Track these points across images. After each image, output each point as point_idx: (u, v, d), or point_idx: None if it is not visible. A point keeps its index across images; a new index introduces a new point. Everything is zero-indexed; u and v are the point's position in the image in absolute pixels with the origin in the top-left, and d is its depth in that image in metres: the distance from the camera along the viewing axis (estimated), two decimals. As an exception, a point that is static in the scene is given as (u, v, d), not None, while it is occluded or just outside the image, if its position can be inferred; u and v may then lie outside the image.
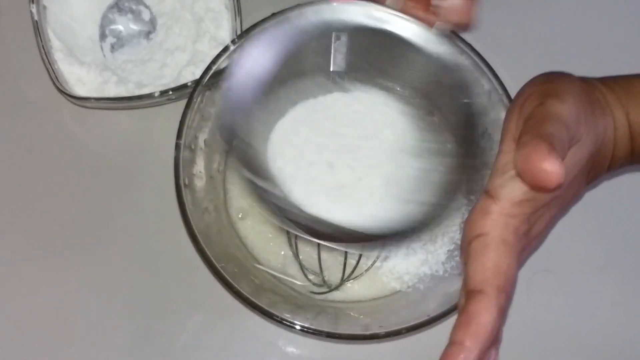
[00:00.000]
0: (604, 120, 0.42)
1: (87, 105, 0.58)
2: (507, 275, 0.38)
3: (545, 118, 0.38)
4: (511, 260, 0.38)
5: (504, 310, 0.38)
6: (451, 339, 0.37)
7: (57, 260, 0.56)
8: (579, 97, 0.40)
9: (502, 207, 0.39)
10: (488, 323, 0.37)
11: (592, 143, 0.41)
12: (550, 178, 0.36)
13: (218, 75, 0.52)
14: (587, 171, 0.42)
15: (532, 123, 0.39)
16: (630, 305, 0.56)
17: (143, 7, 0.60)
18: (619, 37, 0.63)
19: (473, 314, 0.37)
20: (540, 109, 0.39)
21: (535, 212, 0.39)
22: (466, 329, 0.37)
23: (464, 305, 0.38)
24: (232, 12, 0.57)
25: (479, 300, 0.37)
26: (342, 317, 0.52)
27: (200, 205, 0.52)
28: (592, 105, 0.41)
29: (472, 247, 0.39)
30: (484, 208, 0.39)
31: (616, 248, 0.57)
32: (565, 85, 0.41)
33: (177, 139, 0.50)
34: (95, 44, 0.60)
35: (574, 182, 0.41)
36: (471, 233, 0.39)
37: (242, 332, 0.55)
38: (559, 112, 0.39)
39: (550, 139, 0.37)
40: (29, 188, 0.58)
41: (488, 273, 0.38)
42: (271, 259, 0.55)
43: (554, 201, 0.40)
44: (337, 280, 0.54)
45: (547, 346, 0.55)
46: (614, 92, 0.43)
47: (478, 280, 0.38)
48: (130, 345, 0.54)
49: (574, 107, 0.39)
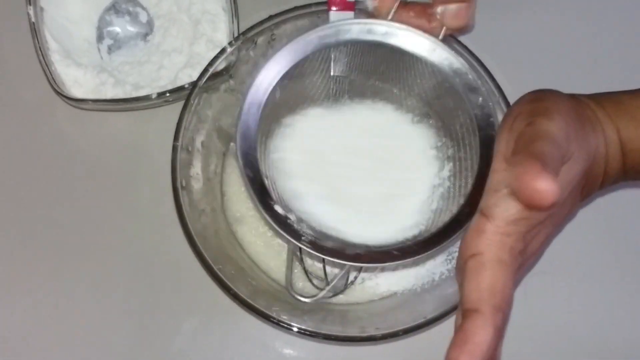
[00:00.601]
0: (595, 137, 0.42)
1: (84, 107, 0.58)
2: (503, 294, 0.38)
3: (535, 137, 0.38)
4: (507, 279, 0.38)
5: (501, 330, 0.38)
6: (446, 358, 0.37)
7: (53, 262, 0.56)
8: (568, 114, 0.40)
9: (496, 226, 0.38)
10: (484, 342, 0.37)
11: (584, 159, 0.41)
12: (544, 197, 0.35)
13: (215, 77, 0.53)
14: (580, 188, 0.42)
15: (523, 142, 0.39)
16: (626, 307, 0.56)
17: (140, 9, 0.60)
18: (615, 41, 0.63)
19: (469, 332, 0.37)
20: (529, 128, 0.39)
21: (531, 230, 0.39)
22: (462, 347, 0.37)
23: (460, 324, 0.38)
24: (229, 15, 0.57)
25: (475, 319, 0.37)
26: (339, 319, 0.52)
27: (197, 207, 0.52)
28: (582, 122, 0.41)
29: (467, 267, 0.39)
30: (478, 227, 0.39)
31: (612, 250, 0.57)
32: (553, 103, 0.41)
33: (174, 140, 0.50)
34: (92, 45, 0.60)
35: (567, 200, 0.41)
36: (467, 252, 0.39)
37: (239, 334, 0.55)
38: (548, 130, 0.39)
39: (543, 157, 0.37)
40: (26, 190, 0.58)
41: (484, 292, 0.38)
42: (269, 262, 0.55)
43: (549, 219, 0.40)
44: (341, 285, 0.53)
45: (544, 348, 0.55)
46: (604, 109, 0.43)
47: (474, 300, 0.38)
48: (126, 347, 0.54)
49: (563, 125, 0.39)
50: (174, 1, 0.60)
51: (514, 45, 0.62)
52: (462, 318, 0.38)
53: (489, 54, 0.53)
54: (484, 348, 0.37)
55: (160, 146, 0.55)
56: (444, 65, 0.46)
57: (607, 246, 0.57)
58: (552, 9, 0.64)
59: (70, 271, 0.56)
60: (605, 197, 0.57)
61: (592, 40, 0.63)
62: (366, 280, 0.54)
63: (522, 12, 0.64)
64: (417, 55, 0.47)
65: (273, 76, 0.46)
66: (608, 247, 0.57)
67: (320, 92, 0.49)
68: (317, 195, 0.46)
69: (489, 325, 0.37)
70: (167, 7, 0.60)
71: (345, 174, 0.48)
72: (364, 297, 0.54)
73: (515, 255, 0.39)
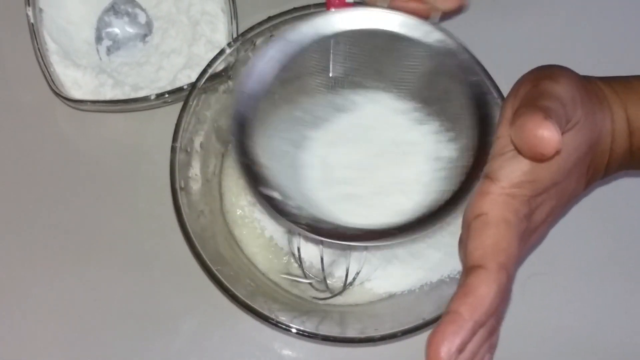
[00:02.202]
0: (602, 112, 0.42)
1: (83, 108, 0.58)
2: (507, 253, 0.37)
3: (539, 96, 0.38)
4: (512, 239, 0.37)
5: (504, 290, 0.37)
6: (446, 310, 0.36)
7: (52, 263, 0.56)
8: (575, 81, 0.40)
9: (501, 187, 0.38)
10: (487, 296, 0.36)
11: (590, 130, 0.40)
12: (547, 144, 0.35)
13: (214, 78, 0.53)
14: (586, 165, 0.42)
15: (527, 100, 0.38)
16: (625, 307, 0.56)
17: (139, 10, 0.60)
18: (614, 39, 0.63)
19: (472, 286, 0.36)
20: (534, 89, 0.39)
21: (536, 196, 0.39)
22: (463, 299, 0.36)
23: (462, 281, 0.37)
24: (228, 16, 0.57)
25: (479, 274, 0.36)
26: (337, 320, 0.52)
27: (196, 208, 0.52)
28: (589, 95, 0.41)
29: (471, 227, 0.38)
30: (483, 189, 0.39)
31: (611, 250, 0.57)
32: (560, 69, 0.41)
33: (173, 141, 0.50)
34: (91, 46, 0.60)
35: (573, 173, 0.41)
36: (471, 214, 0.38)
37: (238, 336, 0.55)
38: (554, 90, 0.38)
39: (546, 109, 0.36)
40: (24, 191, 0.58)
41: (488, 249, 0.37)
42: (268, 263, 0.55)
43: (554, 189, 0.40)
44: (339, 286, 0.53)
45: (543, 349, 0.55)
46: (612, 87, 0.43)
47: (478, 257, 0.37)
48: (125, 348, 0.54)
49: (569, 88, 0.39)
50: (173, 2, 0.60)
51: (511, 46, 0.62)
52: (465, 276, 0.37)
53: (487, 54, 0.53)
54: (486, 302, 0.36)
55: (159, 147, 0.55)
56: (439, 47, 0.47)
57: (605, 247, 0.57)
58: (553, 8, 0.64)
59: (68, 272, 0.56)
60: (603, 197, 0.57)
61: (591, 41, 0.63)
62: (365, 281, 0.54)
63: (521, 13, 0.64)
64: (413, 39, 0.47)
65: (270, 64, 0.46)
66: (606, 248, 0.57)
67: (317, 81, 0.49)
68: (315, 181, 0.46)
69: (493, 281, 0.36)
70: (166, 8, 0.60)
71: (343, 161, 0.47)
72: (363, 299, 0.54)
73: (521, 217, 0.38)
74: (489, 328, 0.38)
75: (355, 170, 0.47)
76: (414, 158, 0.48)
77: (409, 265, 0.54)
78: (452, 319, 0.35)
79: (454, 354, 0.35)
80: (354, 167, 0.47)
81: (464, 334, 0.35)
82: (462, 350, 0.35)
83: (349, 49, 0.48)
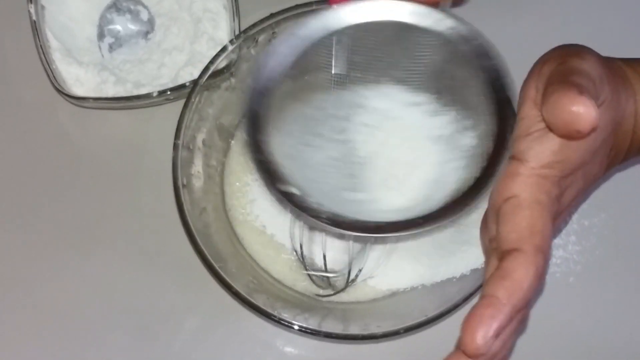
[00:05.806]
0: (625, 91, 0.40)
1: (85, 105, 0.58)
2: (543, 235, 0.35)
3: (569, 72, 0.37)
4: (546, 220, 0.36)
5: (541, 274, 0.35)
6: (482, 294, 0.34)
7: (54, 261, 0.56)
8: (600, 59, 0.39)
9: (531, 168, 0.37)
10: (525, 279, 0.34)
11: (615, 109, 0.39)
12: (583, 120, 0.33)
13: (216, 75, 0.53)
14: (609, 146, 0.41)
15: (556, 78, 0.37)
16: (629, 305, 0.56)
17: (141, 7, 0.60)
18: (614, 38, 0.63)
19: (509, 269, 0.34)
20: (562, 66, 0.37)
21: (565, 177, 0.37)
22: (500, 282, 0.34)
23: (497, 265, 0.35)
24: (230, 13, 0.57)
25: (515, 257, 0.34)
26: (340, 317, 0.52)
27: (198, 205, 0.52)
28: (613, 74, 0.40)
29: (502, 211, 0.36)
30: (511, 171, 0.37)
31: (616, 248, 0.57)
32: (584, 48, 0.40)
33: (175, 139, 0.50)
34: (93, 44, 0.60)
35: (599, 153, 0.39)
36: (500, 198, 0.37)
37: (240, 333, 0.55)
38: (582, 67, 0.37)
39: (579, 85, 0.35)
40: (27, 188, 0.58)
41: (524, 231, 0.35)
42: (270, 260, 0.55)
43: (581, 171, 0.39)
44: (342, 283, 0.53)
45: (542, 349, 0.55)
46: (634, 69, 0.42)
47: (513, 240, 0.35)
48: (127, 346, 0.54)
49: (596, 65, 0.38)
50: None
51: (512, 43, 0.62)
52: (500, 260, 0.35)
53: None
54: (524, 286, 0.34)
55: (161, 144, 0.55)
56: (451, 35, 0.45)
57: (609, 244, 0.57)
58: (555, 5, 0.64)
59: (71, 269, 0.56)
60: (606, 197, 0.57)
61: (592, 40, 0.63)
62: (367, 279, 0.54)
63: (524, 12, 0.64)
64: (424, 27, 0.45)
65: (279, 60, 0.45)
66: (611, 246, 0.57)
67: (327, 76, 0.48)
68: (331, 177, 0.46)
69: (531, 264, 0.34)
70: (168, 5, 0.60)
71: (358, 156, 0.46)
72: (366, 296, 0.54)
73: (553, 199, 0.37)
74: (520, 317, 0.36)
75: (370, 165, 0.47)
76: (431, 149, 0.47)
77: (412, 263, 0.54)
78: (489, 302, 0.34)
79: (490, 339, 0.33)
80: (369, 162, 0.47)
81: (502, 318, 0.34)
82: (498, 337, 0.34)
83: (358, 43, 0.47)
